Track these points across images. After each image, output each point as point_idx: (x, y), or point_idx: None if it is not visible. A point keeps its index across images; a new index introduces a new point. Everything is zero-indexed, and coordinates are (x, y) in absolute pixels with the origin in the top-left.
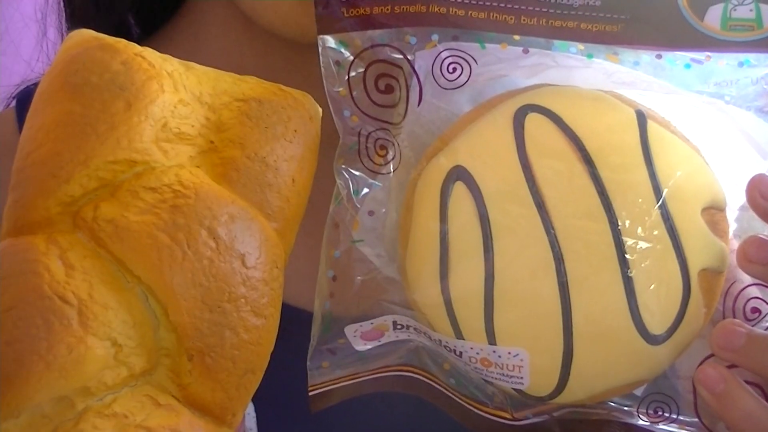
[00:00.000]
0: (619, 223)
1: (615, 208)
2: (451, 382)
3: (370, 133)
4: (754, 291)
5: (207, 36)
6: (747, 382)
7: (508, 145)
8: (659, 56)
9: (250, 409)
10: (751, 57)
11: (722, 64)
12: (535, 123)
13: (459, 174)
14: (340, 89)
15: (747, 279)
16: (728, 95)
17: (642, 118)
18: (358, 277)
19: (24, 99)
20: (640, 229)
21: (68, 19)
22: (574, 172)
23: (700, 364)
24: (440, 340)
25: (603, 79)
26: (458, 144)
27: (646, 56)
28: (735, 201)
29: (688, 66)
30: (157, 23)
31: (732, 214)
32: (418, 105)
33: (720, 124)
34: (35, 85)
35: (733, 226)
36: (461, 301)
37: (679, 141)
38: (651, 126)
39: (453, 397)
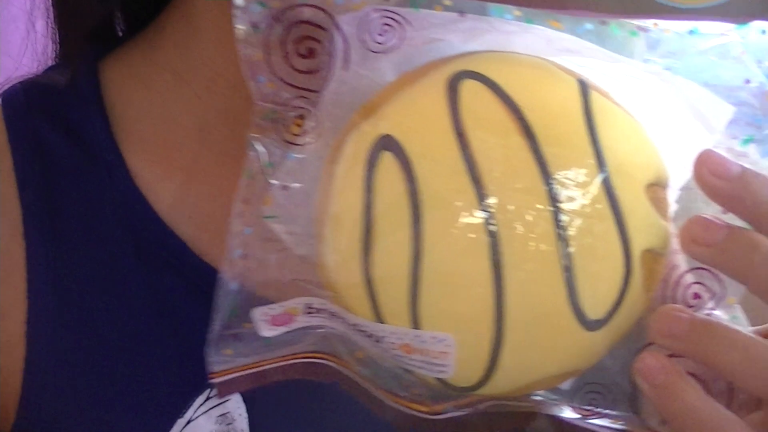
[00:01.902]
0: (560, 199)
1: (555, 182)
2: (364, 372)
3: (287, 101)
4: (693, 276)
5: (201, 25)
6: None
7: (440, 113)
8: (604, 23)
9: (242, 410)
10: (701, 26)
11: (670, 32)
12: (470, 90)
13: (386, 143)
14: (256, 53)
15: (684, 264)
16: (675, 66)
17: (585, 87)
18: (270, 256)
19: (10, 97)
20: (581, 205)
21: (56, 15)
22: (512, 143)
23: (639, 352)
24: (358, 324)
25: (544, 46)
26: (386, 111)
27: (589, 24)
28: (675, 180)
29: (634, 33)
30: (148, 14)
31: (672, 194)
32: (344, 70)
33: (665, 95)
34: (21, 82)
35: (672, 207)
36: (384, 280)
37: (623, 113)
38: (594, 96)
39: (367, 387)
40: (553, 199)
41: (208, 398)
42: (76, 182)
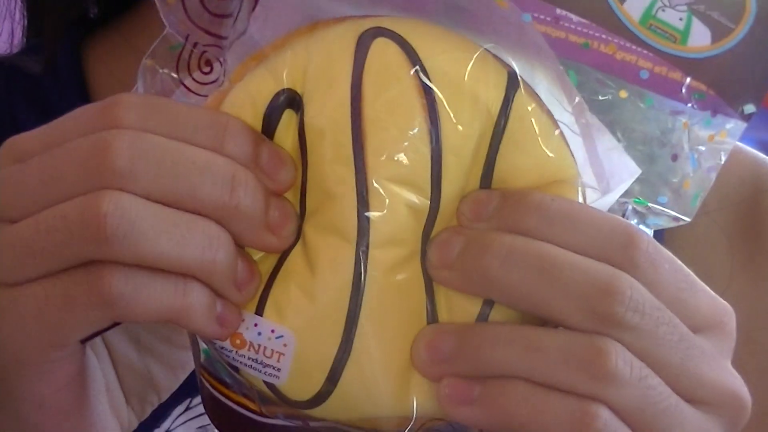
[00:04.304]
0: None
1: (444, 187)
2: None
3: (197, 44)
4: None
5: None
6: None
7: (342, 64)
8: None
9: None
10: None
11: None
12: (383, 49)
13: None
14: None
15: None
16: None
17: (513, 82)
18: None
19: None
20: None
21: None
22: (410, 125)
23: None
24: None
25: None
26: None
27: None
28: None
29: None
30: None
31: None
32: (253, 11)
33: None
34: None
35: None
36: None
37: (551, 125)
38: (519, 97)
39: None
40: (435, 203)
41: (188, 408)
42: None
